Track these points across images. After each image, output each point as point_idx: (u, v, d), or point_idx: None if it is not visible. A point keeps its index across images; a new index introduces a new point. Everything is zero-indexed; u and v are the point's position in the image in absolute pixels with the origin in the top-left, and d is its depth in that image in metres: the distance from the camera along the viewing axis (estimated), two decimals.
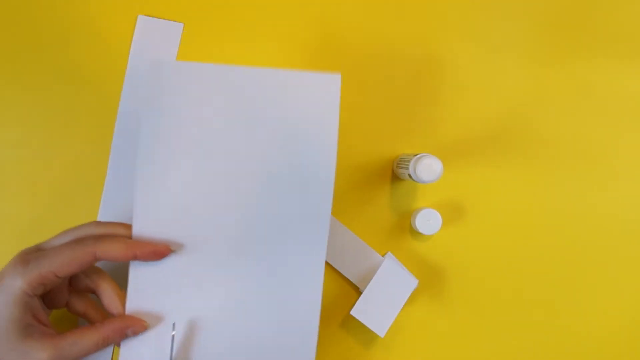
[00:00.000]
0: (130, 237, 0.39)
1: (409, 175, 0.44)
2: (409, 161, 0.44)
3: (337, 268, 0.48)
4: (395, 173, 0.49)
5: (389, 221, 0.49)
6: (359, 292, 0.48)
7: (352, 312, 0.46)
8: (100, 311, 0.41)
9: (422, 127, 0.50)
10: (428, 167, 0.43)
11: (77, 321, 0.47)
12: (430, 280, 0.50)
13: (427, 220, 0.47)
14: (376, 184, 0.49)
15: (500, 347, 0.50)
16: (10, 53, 0.48)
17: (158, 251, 0.39)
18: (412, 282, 0.47)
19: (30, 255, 0.36)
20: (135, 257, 0.38)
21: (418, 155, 0.43)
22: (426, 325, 0.50)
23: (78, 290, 0.41)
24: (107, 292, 0.39)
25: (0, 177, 0.47)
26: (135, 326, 0.38)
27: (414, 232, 0.49)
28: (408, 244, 0.50)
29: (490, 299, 0.50)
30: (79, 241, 0.37)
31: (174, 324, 0.39)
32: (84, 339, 0.36)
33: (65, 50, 0.48)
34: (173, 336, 0.39)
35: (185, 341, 0.39)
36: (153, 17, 0.48)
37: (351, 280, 0.48)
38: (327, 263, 0.48)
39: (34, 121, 0.48)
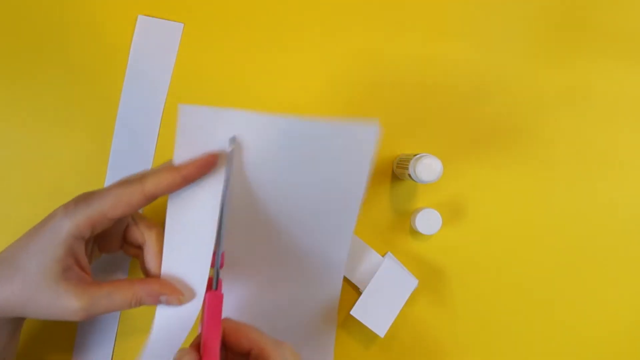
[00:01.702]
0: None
1: (409, 175, 0.44)
2: (409, 161, 0.44)
3: None
4: (395, 173, 0.49)
5: (389, 221, 0.49)
6: (359, 292, 0.48)
7: (352, 312, 0.46)
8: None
9: (422, 127, 0.50)
10: (428, 167, 0.43)
11: None
12: (430, 280, 0.50)
13: (427, 220, 0.47)
14: (376, 184, 0.49)
15: (500, 347, 0.50)
16: (10, 53, 0.48)
17: (205, 163, 0.37)
18: (412, 282, 0.47)
19: (83, 197, 0.37)
20: (185, 180, 0.36)
21: (418, 155, 0.43)
22: (426, 325, 0.50)
23: (129, 242, 0.41)
24: (150, 249, 0.39)
25: (0, 177, 0.47)
26: (170, 295, 0.38)
27: (414, 232, 0.49)
28: (408, 244, 0.50)
29: (490, 299, 0.50)
30: (126, 181, 0.37)
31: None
32: (118, 293, 0.36)
33: (65, 50, 0.48)
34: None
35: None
36: (153, 17, 0.48)
37: (351, 280, 0.48)
38: None
39: (34, 121, 0.48)
